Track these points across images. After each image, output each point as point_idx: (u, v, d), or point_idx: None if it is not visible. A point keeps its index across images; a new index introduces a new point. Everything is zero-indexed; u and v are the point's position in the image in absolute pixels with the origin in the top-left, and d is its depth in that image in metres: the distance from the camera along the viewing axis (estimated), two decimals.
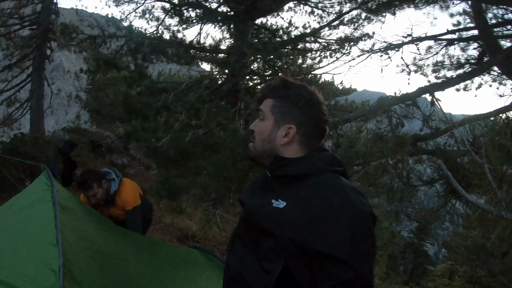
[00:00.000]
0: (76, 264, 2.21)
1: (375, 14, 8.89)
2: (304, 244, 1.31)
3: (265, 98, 1.62)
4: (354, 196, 1.36)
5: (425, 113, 3.81)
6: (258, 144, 1.60)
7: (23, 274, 2.07)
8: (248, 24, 9.60)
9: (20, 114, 11.91)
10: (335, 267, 1.26)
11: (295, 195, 1.43)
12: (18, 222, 2.62)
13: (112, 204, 4.05)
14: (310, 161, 1.49)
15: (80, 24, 10.44)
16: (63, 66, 47.26)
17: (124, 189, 4.10)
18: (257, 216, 1.51)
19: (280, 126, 1.54)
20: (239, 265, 1.54)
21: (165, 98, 7.36)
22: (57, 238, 2.23)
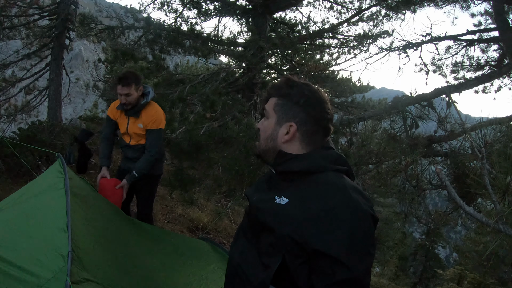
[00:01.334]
0: (84, 250, 2.27)
1: (394, 11, 8.79)
2: (303, 241, 1.34)
3: (270, 97, 1.67)
4: (355, 196, 1.38)
5: (441, 115, 3.75)
6: (262, 142, 1.65)
7: (33, 257, 2.13)
8: (267, 18, 9.55)
9: (38, 102, 12.07)
10: (331, 266, 1.28)
11: (298, 193, 1.46)
12: (31, 207, 2.68)
13: (135, 116, 4.14)
14: (312, 158, 1.52)
15: (99, 15, 10.53)
16: (82, 55, 47.72)
17: (154, 107, 4.22)
18: (259, 211, 1.55)
19: (282, 124, 1.59)
20: (240, 258, 1.59)
21: (181, 90, 7.38)
22: (67, 224, 2.29)
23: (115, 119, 4.35)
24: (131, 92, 4.00)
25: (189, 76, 9.46)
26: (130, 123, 4.18)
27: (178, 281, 3.13)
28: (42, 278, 1.99)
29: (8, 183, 6.56)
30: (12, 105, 12.22)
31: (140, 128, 4.14)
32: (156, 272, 3.07)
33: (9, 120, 11.73)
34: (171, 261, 3.38)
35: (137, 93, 4.07)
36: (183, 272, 3.31)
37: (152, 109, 4.18)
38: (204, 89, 7.64)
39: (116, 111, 4.29)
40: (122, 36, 10.31)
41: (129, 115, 4.17)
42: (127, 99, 4.02)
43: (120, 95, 4.04)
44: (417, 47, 6.08)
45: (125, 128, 4.22)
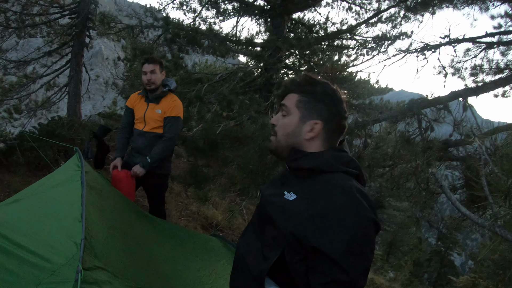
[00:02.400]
0: (97, 239, 2.35)
1: (413, 12, 8.72)
2: (303, 238, 1.36)
3: (288, 93, 1.66)
4: (360, 200, 1.38)
5: (457, 118, 3.73)
6: (281, 139, 1.63)
7: (48, 245, 2.22)
8: (285, 18, 9.56)
9: (58, 98, 12.29)
10: (327, 266, 1.29)
11: (306, 190, 1.48)
12: (49, 198, 2.79)
13: (155, 102, 4.24)
14: (323, 157, 1.53)
15: (119, 14, 10.69)
16: (102, 53, 48.37)
17: (174, 97, 4.35)
18: (268, 204, 1.59)
19: (306, 121, 1.59)
20: (244, 249, 1.64)
21: (199, 89, 7.45)
22: (81, 214, 2.38)
23: (132, 107, 4.42)
24: (156, 69, 4.14)
25: (207, 75, 9.53)
26: (149, 109, 4.24)
27: (188, 275, 3.19)
28: (55, 263, 2.08)
29: (27, 176, 6.74)
30: (33, 101, 12.46)
31: (158, 114, 4.20)
32: (166, 264, 3.14)
33: (29, 115, 11.97)
34: (181, 255, 3.44)
35: (161, 75, 4.21)
36: (193, 266, 3.37)
37: (172, 98, 4.28)
38: (222, 89, 7.70)
39: (136, 98, 4.38)
40: (141, 35, 10.46)
41: (149, 101, 4.26)
42: (151, 76, 4.13)
43: (145, 73, 4.15)
44: (435, 49, 6.01)
45: (142, 114, 4.27)
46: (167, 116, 4.19)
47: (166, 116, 4.19)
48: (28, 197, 2.83)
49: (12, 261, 2.08)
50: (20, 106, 11.77)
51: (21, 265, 2.06)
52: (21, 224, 2.40)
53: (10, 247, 2.14)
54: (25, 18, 10.70)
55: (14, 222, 2.40)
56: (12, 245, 2.15)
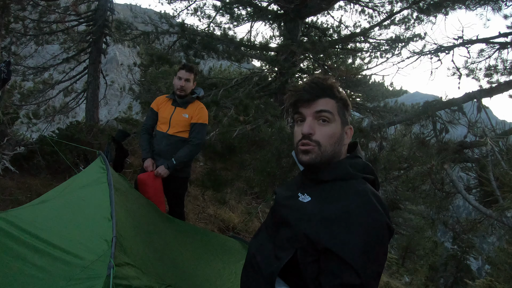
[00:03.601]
0: (125, 237, 2.45)
1: (426, 14, 8.72)
2: (316, 239, 1.36)
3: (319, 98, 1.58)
4: (374, 204, 1.39)
5: (471, 120, 3.76)
6: (328, 148, 1.56)
7: (79, 242, 2.33)
8: (298, 22, 9.63)
9: (75, 104, 12.53)
10: (339, 268, 1.29)
11: (321, 194, 1.50)
12: (76, 199, 2.91)
13: (182, 106, 4.39)
14: (342, 167, 1.54)
15: (134, 21, 10.87)
16: (116, 59, 49.02)
17: (201, 104, 4.53)
18: (282, 206, 1.62)
19: (344, 127, 1.61)
20: (256, 249, 1.64)
21: (215, 93, 7.56)
22: (111, 213, 2.49)
23: (157, 110, 4.54)
24: (191, 79, 4.32)
25: (222, 80, 9.64)
26: (176, 112, 4.36)
27: (209, 274, 3.27)
28: (86, 260, 2.18)
29: (48, 179, 6.91)
30: (51, 107, 12.71)
31: (184, 118, 4.32)
32: (189, 264, 3.22)
33: (47, 120, 12.21)
34: (202, 255, 3.53)
35: (192, 85, 4.40)
36: (214, 266, 3.45)
37: (199, 105, 4.45)
38: (237, 93, 7.80)
39: (162, 100, 4.53)
40: (156, 41, 10.62)
41: (177, 105, 4.39)
42: (185, 84, 4.29)
43: (180, 78, 4.31)
44: (449, 51, 6.02)
45: (168, 116, 4.38)
46: (194, 122, 4.33)
47: (193, 122, 4.33)
48: (55, 198, 2.95)
49: (43, 258, 2.18)
50: (38, 111, 12.01)
51: (52, 262, 2.16)
52: (50, 224, 2.51)
53: (40, 245, 2.25)
54: (43, 26, 10.94)
55: (42, 221, 2.52)
56: (42, 243, 2.26)
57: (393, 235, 1.44)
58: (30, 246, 2.24)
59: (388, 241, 1.40)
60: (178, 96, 4.36)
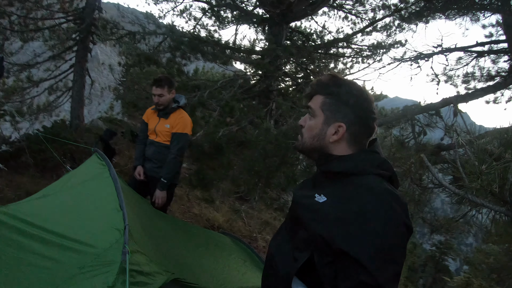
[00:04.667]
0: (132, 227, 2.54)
1: (407, 22, 8.97)
2: (331, 240, 1.33)
3: (315, 94, 1.64)
4: (391, 203, 1.36)
5: (448, 123, 3.97)
6: (307, 140, 1.63)
7: (89, 232, 2.44)
8: (283, 27, 9.77)
9: (60, 102, 12.43)
10: (355, 270, 1.27)
11: (337, 193, 1.47)
12: (80, 193, 3.02)
13: (165, 117, 4.55)
14: (354, 160, 1.52)
15: (121, 20, 10.88)
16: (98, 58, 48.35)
17: (183, 112, 4.63)
18: (299, 206, 1.60)
19: (330, 124, 1.57)
20: (275, 250, 1.63)
21: (201, 95, 7.69)
22: (120, 204, 2.61)
23: (147, 121, 4.75)
24: (164, 93, 4.43)
25: (205, 81, 9.75)
26: (160, 123, 4.56)
27: (205, 266, 3.41)
28: (99, 248, 2.28)
29: (36, 177, 6.95)
30: (35, 105, 12.58)
31: (167, 128, 4.51)
32: (185, 255, 3.36)
33: (31, 118, 12.08)
34: (197, 248, 3.67)
35: (169, 96, 4.49)
36: (208, 258, 3.60)
37: (180, 114, 4.57)
38: (222, 95, 7.93)
39: (150, 112, 4.72)
40: (142, 41, 10.66)
41: (160, 116, 4.57)
42: (159, 99, 4.44)
43: (154, 95, 4.47)
44: (428, 58, 6.25)
45: (153, 126, 4.59)
46: (174, 132, 4.50)
47: (173, 131, 4.50)
48: (56, 193, 3.04)
49: (51, 249, 2.27)
50: (22, 109, 11.89)
51: (62, 252, 2.25)
52: (56, 216, 2.61)
53: (47, 236, 2.34)
54: (29, 22, 10.87)
55: (47, 214, 2.62)
56: (49, 234, 2.35)
57: (412, 233, 1.40)
58: (36, 238, 2.31)
59: (406, 241, 1.37)
60: (158, 110, 4.56)
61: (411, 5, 7.81)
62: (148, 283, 2.23)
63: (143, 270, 2.22)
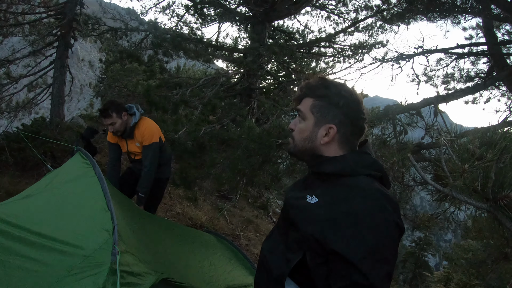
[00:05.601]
0: (121, 228, 2.53)
1: (389, 23, 9.09)
2: (323, 241, 1.35)
3: (304, 97, 1.66)
4: (382, 203, 1.37)
5: (428, 123, 4.04)
6: (299, 143, 1.64)
7: (77, 233, 2.40)
8: (266, 25, 9.79)
9: (40, 99, 12.23)
10: (347, 269, 1.28)
11: (328, 194, 1.49)
12: (64, 193, 2.97)
13: (130, 137, 4.40)
14: (345, 162, 1.53)
15: (104, 16, 10.76)
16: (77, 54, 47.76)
17: (144, 124, 4.40)
18: (290, 207, 1.61)
19: (321, 126, 1.59)
20: (268, 251, 1.66)
21: (183, 93, 7.65)
22: (108, 205, 2.58)
23: (116, 143, 4.62)
24: (114, 120, 4.23)
25: (186, 79, 9.70)
26: (129, 144, 4.47)
27: (191, 264, 3.41)
28: (88, 249, 2.25)
29: (16, 176, 6.83)
30: (14, 102, 12.35)
31: (138, 147, 4.43)
32: (171, 255, 3.35)
33: (10, 116, 11.85)
34: (183, 247, 3.67)
35: (122, 120, 4.28)
36: (194, 257, 3.60)
37: (142, 126, 4.39)
38: (204, 93, 7.90)
39: (115, 138, 4.55)
40: (124, 38, 10.55)
41: (125, 137, 4.44)
42: (113, 127, 4.26)
43: (106, 125, 4.31)
44: (409, 59, 6.33)
45: (125, 149, 4.53)
46: (143, 146, 4.37)
47: (143, 145, 4.38)
48: (40, 193, 2.99)
49: (38, 251, 2.22)
50: (1, 106, 11.66)
51: (49, 254, 2.21)
52: (41, 217, 2.55)
53: (33, 238, 2.29)
54: (9, 17, 10.66)
55: (32, 215, 2.55)
56: (36, 236, 2.29)
57: (403, 233, 1.42)
58: (22, 240, 2.26)
59: (398, 240, 1.39)
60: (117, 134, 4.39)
61: (393, 7, 7.91)
62: (138, 283, 2.22)
63: (133, 271, 2.21)
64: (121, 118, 4.26)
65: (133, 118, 4.37)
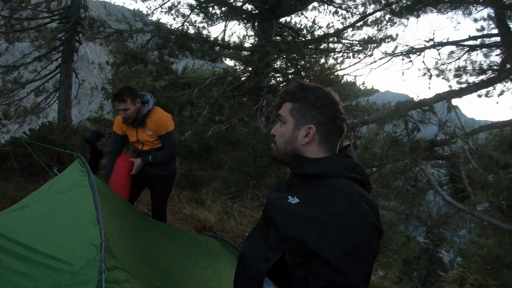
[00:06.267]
0: (112, 241, 2.43)
1: (398, 16, 8.91)
2: (303, 240, 1.36)
3: (283, 103, 1.71)
4: (361, 205, 1.39)
5: (441, 119, 3.88)
6: (280, 146, 1.68)
7: (65, 248, 2.29)
8: (272, 22, 9.68)
9: (47, 104, 12.24)
10: (325, 270, 1.29)
11: (309, 194, 1.50)
12: (57, 203, 2.85)
13: (142, 126, 4.26)
14: (326, 163, 1.56)
15: (108, 19, 10.72)
16: (87, 57, 48.12)
17: (157, 113, 4.30)
18: (272, 207, 1.63)
19: (300, 127, 1.63)
20: (248, 250, 1.67)
21: (189, 93, 7.55)
22: (97, 218, 2.46)
23: (122, 133, 4.46)
24: (128, 106, 4.11)
25: (195, 79, 9.62)
26: (139, 132, 4.30)
27: (193, 274, 3.29)
28: (75, 265, 2.14)
29: (21, 182, 6.75)
30: (22, 107, 12.38)
31: (149, 136, 4.27)
32: (172, 264, 3.23)
33: (18, 121, 11.88)
34: (185, 255, 3.54)
35: (135, 106, 4.16)
36: (197, 265, 3.48)
37: (156, 115, 4.27)
38: (212, 93, 7.80)
39: (123, 125, 4.39)
40: (130, 40, 10.49)
41: (136, 126, 4.29)
42: (126, 113, 4.13)
43: (119, 111, 4.18)
44: (420, 52, 6.18)
45: (135, 138, 4.35)
46: (160, 135, 4.25)
47: (159, 135, 4.25)
48: (35, 203, 2.88)
49: (28, 266, 2.13)
50: (9, 111, 11.69)
51: (39, 269, 2.11)
52: (33, 230, 2.45)
53: (23, 251, 2.19)
54: (14, 23, 10.67)
55: (25, 227, 2.46)
56: (26, 250, 2.20)
57: (382, 234, 1.43)
58: (12, 253, 2.18)
59: (376, 242, 1.39)
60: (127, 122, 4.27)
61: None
62: None
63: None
64: (135, 104, 4.16)
65: (146, 106, 4.27)
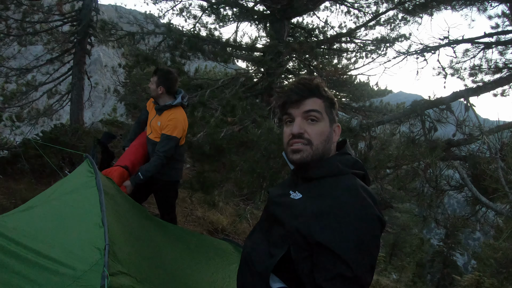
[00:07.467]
0: (118, 245, 2.34)
1: (411, 15, 8.78)
2: (308, 234, 1.37)
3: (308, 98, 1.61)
4: (364, 197, 1.40)
5: (459, 118, 3.78)
6: (319, 146, 1.58)
7: (69, 251, 2.21)
8: (284, 23, 9.63)
9: (60, 106, 12.33)
10: (332, 262, 1.30)
11: (312, 190, 1.52)
12: (64, 205, 2.79)
13: (158, 113, 4.28)
14: (331, 164, 1.56)
15: (120, 21, 10.75)
16: (100, 60, 48.60)
17: (175, 113, 4.24)
18: (274, 204, 1.64)
19: (333, 125, 1.64)
20: (251, 247, 1.65)
21: (202, 94, 7.51)
22: (102, 220, 2.39)
23: (148, 110, 4.54)
24: (152, 83, 4.20)
25: (207, 81, 9.59)
26: (154, 119, 4.31)
27: (203, 278, 3.21)
28: (78, 270, 2.07)
29: (33, 183, 6.77)
30: (34, 109, 12.48)
31: (158, 126, 4.25)
32: (181, 268, 3.15)
33: (31, 123, 11.98)
34: (195, 259, 3.46)
35: (155, 88, 4.19)
36: (207, 269, 3.40)
37: (173, 114, 4.21)
38: (224, 94, 7.76)
39: (151, 104, 4.46)
40: (142, 42, 10.51)
41: (156, 110, 4.29)
42: (150, 86, 4.25)
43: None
44: (434, 51, 6.07)
45: (150, 120, 4.39)
46: (162, 133, 4.21)
47: (163, 131, 4.21)
48: (42, 204, 2.83)
49: (31, 269, 2.07)
50: (22, 114, 11.78)
51: (41, 273, 2.05)
52: (38, 231, 2.38)
53: (27, 254, 2.13)
54: (26, 26, 10.75)
55: (30, 229, 2.39)
56: (30, 253, 2.14)
57: (385, 227, 1.45)
58: (16, 256, 2.12)
59: (380, 234, 1.41)
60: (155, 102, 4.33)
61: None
62: None
63: None
64: (156, 86, 4.20)
65: (170, 100, 4.25)
